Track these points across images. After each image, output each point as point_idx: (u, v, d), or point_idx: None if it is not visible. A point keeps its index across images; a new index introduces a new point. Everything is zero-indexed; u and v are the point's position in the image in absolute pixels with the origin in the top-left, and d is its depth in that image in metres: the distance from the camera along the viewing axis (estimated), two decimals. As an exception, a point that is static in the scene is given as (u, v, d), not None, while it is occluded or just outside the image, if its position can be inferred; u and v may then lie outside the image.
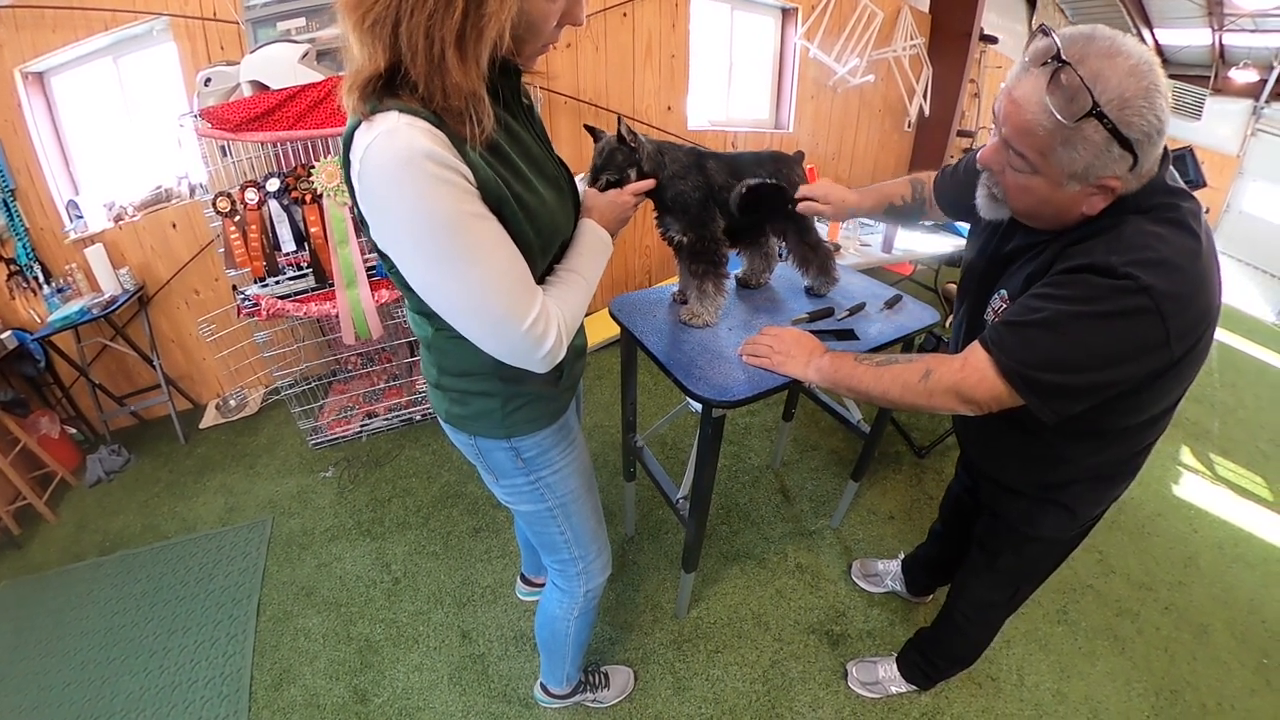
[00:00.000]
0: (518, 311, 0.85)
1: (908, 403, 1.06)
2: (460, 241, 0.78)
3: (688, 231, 1.40)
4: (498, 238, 0.83)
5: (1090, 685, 1.87)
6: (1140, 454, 1.12)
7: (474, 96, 0.76)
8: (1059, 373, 0.88)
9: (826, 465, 2.73)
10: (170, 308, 3.02)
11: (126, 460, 2.87)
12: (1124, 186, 0.85)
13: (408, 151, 0.73)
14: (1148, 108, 0.77)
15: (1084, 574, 2.24)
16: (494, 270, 0.82)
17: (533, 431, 1.13)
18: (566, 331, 0.93)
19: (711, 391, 1.23)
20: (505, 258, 0.84)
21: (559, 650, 1.57)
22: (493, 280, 0.82)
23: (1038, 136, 0.83)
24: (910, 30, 4.41)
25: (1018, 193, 0.93)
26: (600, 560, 1.41)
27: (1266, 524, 2.66)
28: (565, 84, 3.24)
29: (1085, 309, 0.84)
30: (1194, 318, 0.84)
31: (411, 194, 0.74)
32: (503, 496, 1.26)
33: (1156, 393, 0.94)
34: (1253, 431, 3.47)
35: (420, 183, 0.74)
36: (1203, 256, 0.84)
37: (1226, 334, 5.16)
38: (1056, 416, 0.92)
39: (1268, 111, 6.12)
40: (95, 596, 2.19)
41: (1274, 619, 2.16)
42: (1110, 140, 0.79)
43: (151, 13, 2.51)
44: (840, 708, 1.77)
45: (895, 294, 1.65)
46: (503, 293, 0.84)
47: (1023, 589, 1.43)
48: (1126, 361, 0.85)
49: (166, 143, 2.77)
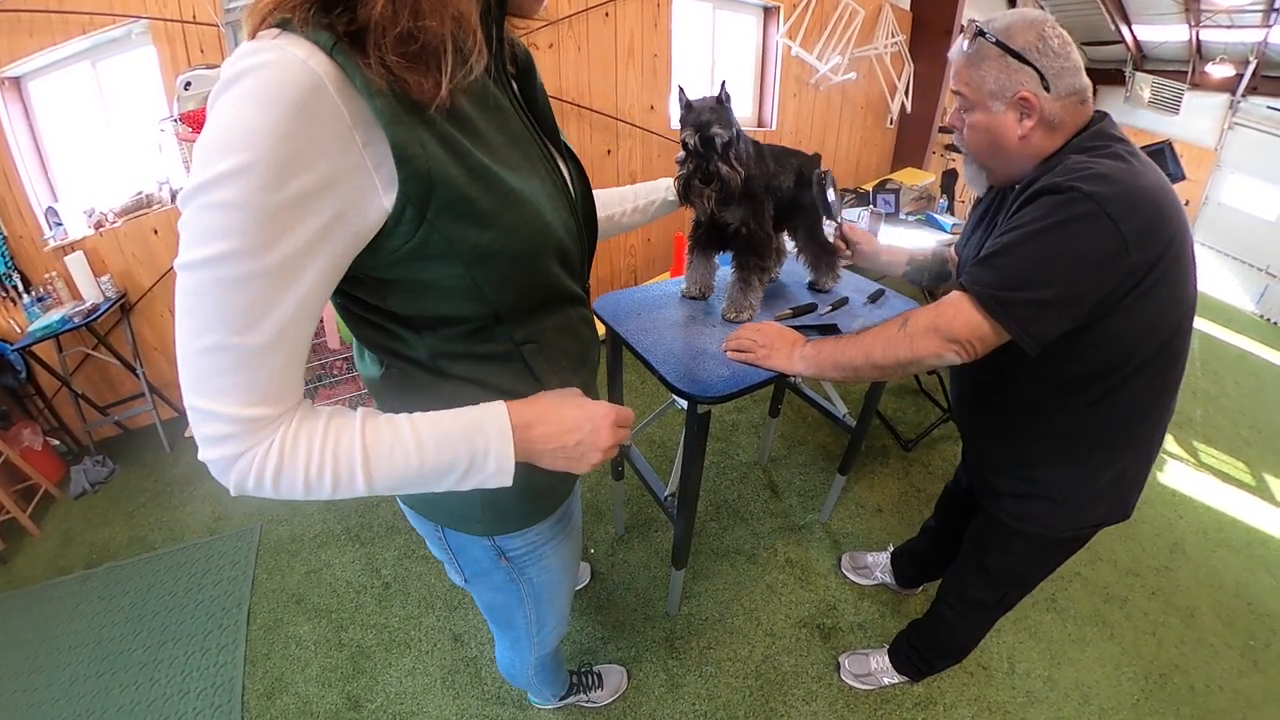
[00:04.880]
0: (217, 387, 0.53)
1: (892, 358, 1.08)
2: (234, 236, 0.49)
3: (749, 220, 1.39)
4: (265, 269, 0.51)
5: (1080, 671, 1.89)
6: (1122, 440, 1.11)
7: (462, 20, 0.54)
8: (1028, 289, 0.93)
9: (814, 460, 2.75)
10: (153, 315, 2.98)
11: (111, 471, 2.83)
12: (1044, 105, 0.98)
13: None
14: (1031, 31, 0.97)
15: (1072, 562, 2.20)
16: (239, 316, 0.52)
17: (522, 528, 0.88)
18: (303, 483, 0.58)
19: (696, 388, 1.23)
20: (281, 309, 0.53)
21: (531, 687, 1.53)
22: (205, 320, 0.52)
23: (960, 71, 1.04)
24: (891, 28, 4.46)
25: (972, 136, 1.08)
26: (557, 631, 1.23)
27: (1250, 508, 2.71)
28: (548, 84, 3.14)
29: (1040, 225, 0.92)
30: (1146, 224, 0.88)
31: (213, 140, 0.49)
32: (470, 588, 1.03)
33: (1128, 323, 0.96)
34: (1234, 418, 3.53)
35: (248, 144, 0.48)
36: (1143, 176, 0.92)
37: (1208, 324, 5.25)
38: (1036, 343, 0.95)
39: (1244, 105, 6.20)
40: (83, 610, 2.16)
41: (1259, 601, 2.20)
42: (1003, 54, 0.98)
43: (130, 15, 2.47)
44: (834, 700, 1.78)
45: (878, 288, 1.66)
46: (209, 349, 0.52)
47: (1012, 593, 1.44)
48: (1089, 267, 0.90)
49: (147, 148, 2.74)
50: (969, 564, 1.45)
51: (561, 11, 3.11)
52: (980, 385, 1.23)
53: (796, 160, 1.54)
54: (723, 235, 1.45)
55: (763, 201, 1.40)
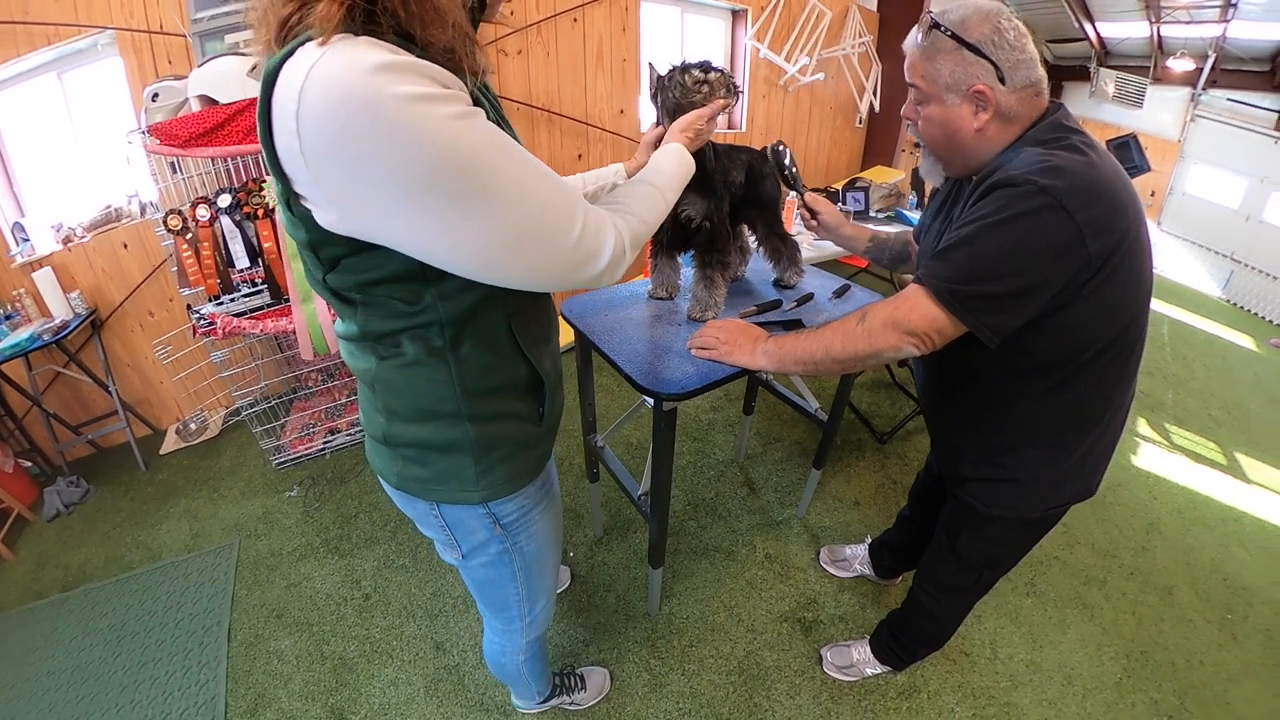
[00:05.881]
0: (561, 221, 0.69)
1: (850, 352, 1.09)
2: (469, 156, 0.60)
3: (711, 215, 1.41)
4: (506, 139, 0.65)
5: (1062, 653, 1.92)
6: (1086, 422, 1.13)
7: (459, 29, 0.63)
8: (984, 282, 0.94)
9: (790, 457, 2.77)
10: (124, 331, 2.94)
11: (86, 491, 2.78)
12: (999, 98, 0.99)
13: (370, 63, 0.55)
14: (987, 24, 0.97)
15: (1050, 547, 2.30)
16: (517, 177, 0.64)
17: (514, 491, 0.96)
18: (631, 240, 0.78)
19: (661, 385, 1.25)
20: (525, 159, 0.66)
21: (518, 681, 1.53)
22: (520, 190, 0.64)
23: (915, 64, 1.05)
24: (859, 28, 4.51)
25: (928, 129, 1.09)
26: (546, 613, 1.28)
27: (1222, 487, 2.78)
28: (517, 90, 3.25)
29: (996, 218, 0.93)
30: (1101, 215, 0.90)
31: (391, 115, 0.55)
32: (462, 566, 1.09)
33: (1088, 312, 0.97)
34: (1204, 400, 3.60)
35: (397, 94, 0.55)
36: (1098, 168, 0.93)
37: (1177, 310, 5.36)
38: (995, 334, 0.97)
39: (1205, 98, 6.36)
40: (60, 634, 2.12)
41: (1235, 576, 2.24)
42: (958, 46, 0.98)
43: (95, 26, 2.45)
44: (817, 693, 1.79)
45: (844, 283, 1.68)
46: (536, 201, 0.66)
47: (986, 574, 1.46)
48: (1045, 261, 0.91)
49: (115, 160, 2.71)
50: (942, 550, 1.46)
51: (530, 18, 3.12)
52: (944, 376, 1.25)
53: (745, 156, 1.56)
54: (685, 234, 1.46)
55: (721, 196, 1.42)
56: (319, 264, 0.71)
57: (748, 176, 1.54)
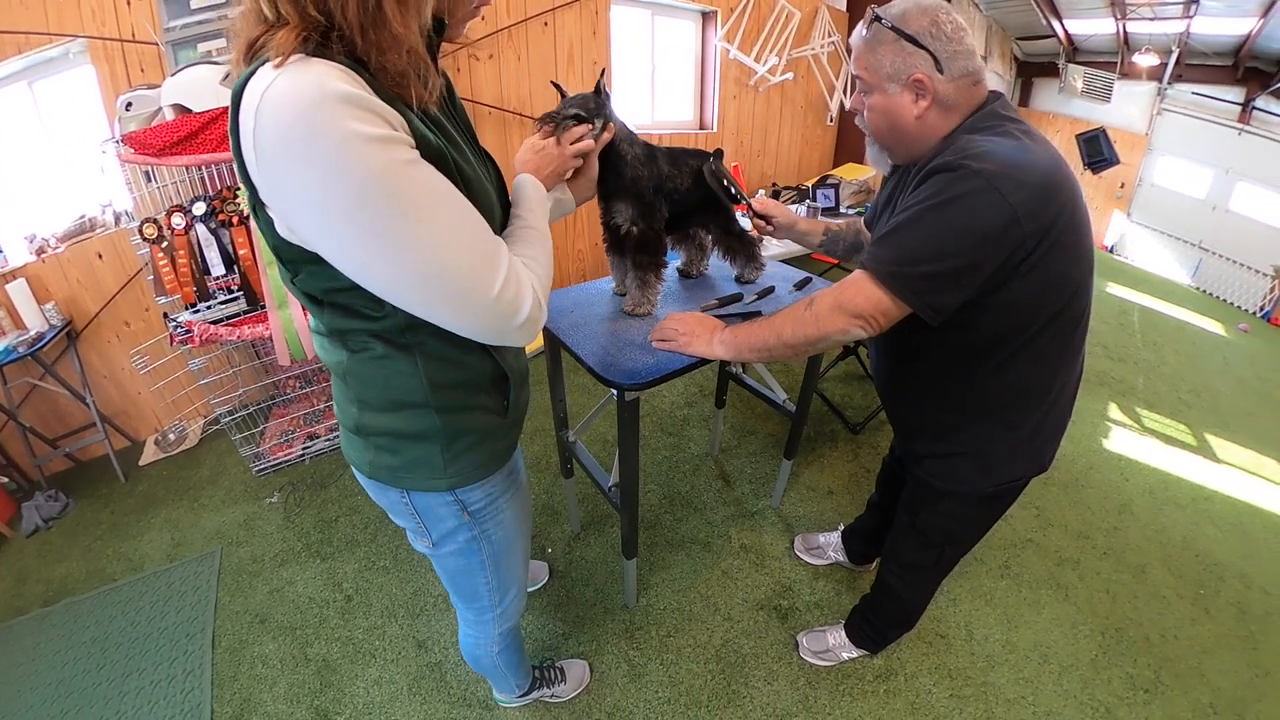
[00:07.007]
0: (483, 273, 0.72)
1: (801, 337, 1.13)
2: (397, 198, 0.63)
3: (639, 221, 1.44)
4: (443, 187, 0.69)
5: (1038, 633, 1.96)
6: (1033, 397, 1.16)
7: (414, 54, 0.67)
8: (925, 263, 0.98)
9: (764, 449, 2.81)
10: (100, 342, 2.93)
11: (65, 505, 2.76)
12: (938, 86, 1.03)
13: (317, 92, 0.59)
14: (925, 17, 1.02)
15: (1023, 530, 2.35)
16: (445, 225, 0.68)
17: (481, 479, 1.00)
18: (542, 291, 0.82)
19: (623, 377, 1.29)
20: (456, 208, 0.70)
21: (494, 673, 1.55)
22: (445, 238, 0.68)
23: (860, 56, 1.10)
24: (828, 28, 4.57)
25: (872, 118, 1.14)
26: (517, 603, 1.31)
27: (1193, 467, 2.85)
28: (489, 94, 3.27)
29: (933, 201, 0.97)
30: (1034, 195, 0.93)
31: (326, 146, 0.59)
32: (433, 555, 1.12)
33: (1027, 289, 1.00)
34: (1174, 384, 3.68)
35: (338, 128, 0.59)
36: (1030, 151, 0.97)
37: (1147, 297, 5.47)
38: (937, 314, 1.01)
39: (1171, 92, 6.49)
40: (43, 650, 2.10)
41: (1206, 552, 2.30)
42: (898, 38, 1.03)
43: (66, 34, 2.43)
44: (795, 679, 1.82)
45: (804, 276, 1.72)
46: (460, 251, 0.69)
47: (948, 551, 1.48)
48: (983, 241, 0.95)
49: (88, 170, 2.70)
50: (903, 529, 1.50)
51: (501, 22, 3.15)
52: (894, 357, 1.29)
53: (695, 161, 1.57)
54: (618, 238, 1.50)
55: (653, 203, 1.44)
56: (285, 268, 0.77)
57: (696, 180, 1.56)
